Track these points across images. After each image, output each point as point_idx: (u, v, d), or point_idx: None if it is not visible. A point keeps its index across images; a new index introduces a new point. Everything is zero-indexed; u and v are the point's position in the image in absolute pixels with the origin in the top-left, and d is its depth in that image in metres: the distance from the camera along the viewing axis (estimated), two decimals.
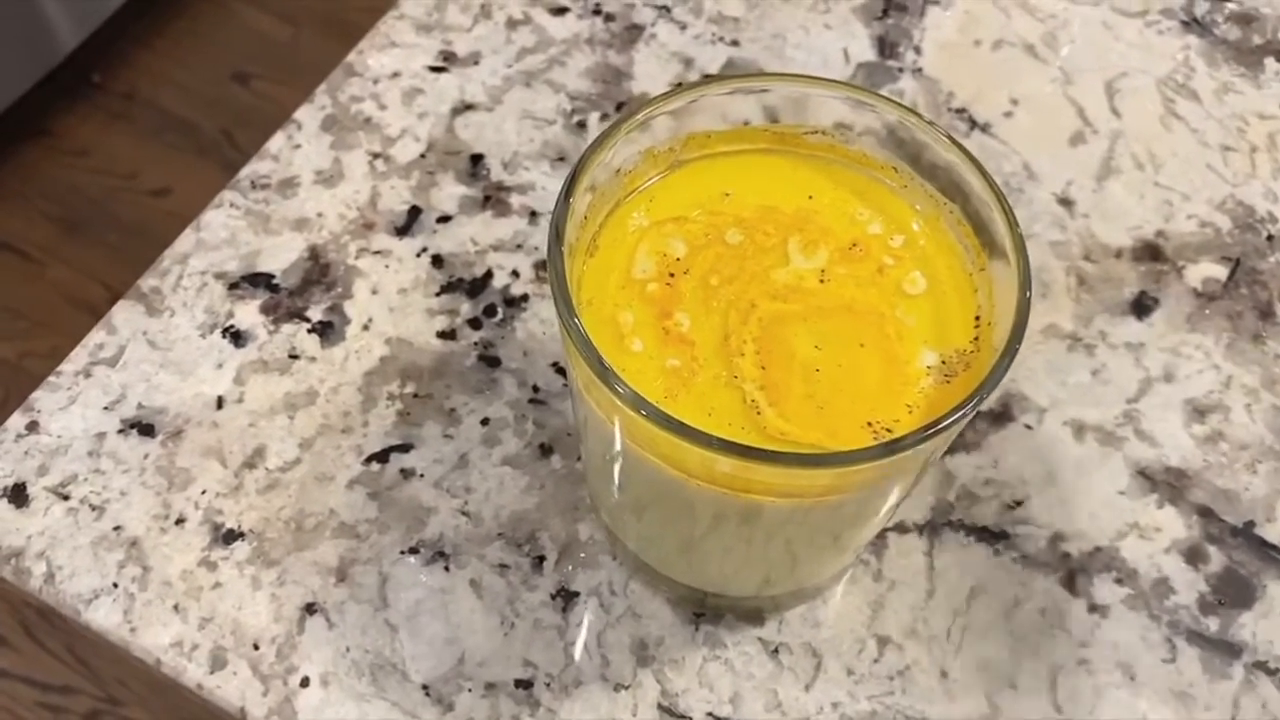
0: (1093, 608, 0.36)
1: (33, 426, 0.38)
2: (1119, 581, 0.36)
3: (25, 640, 1.08)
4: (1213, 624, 0.35)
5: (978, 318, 0.29)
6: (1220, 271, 0.42)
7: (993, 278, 0.29)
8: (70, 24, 1.31)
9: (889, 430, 0.27)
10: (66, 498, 0.36)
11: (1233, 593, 0.36)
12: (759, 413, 0.27)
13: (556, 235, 0.27)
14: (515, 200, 0.43)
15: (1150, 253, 0.42)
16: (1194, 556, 0.37)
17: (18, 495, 0.36)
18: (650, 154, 0.31)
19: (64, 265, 1.29)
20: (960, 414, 0.25)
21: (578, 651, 0.34)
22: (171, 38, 1.46)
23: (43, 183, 1.34)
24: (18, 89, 1.29)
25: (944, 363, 0.28)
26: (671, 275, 0.29)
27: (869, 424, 0.27)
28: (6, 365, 1.21)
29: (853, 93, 0.30)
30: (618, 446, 0.29)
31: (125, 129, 1.39)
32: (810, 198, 0.31)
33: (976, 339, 0.29)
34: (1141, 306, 0.41)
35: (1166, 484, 0.38)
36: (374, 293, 0.40)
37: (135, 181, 1.35)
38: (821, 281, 0.29)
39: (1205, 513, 0.37)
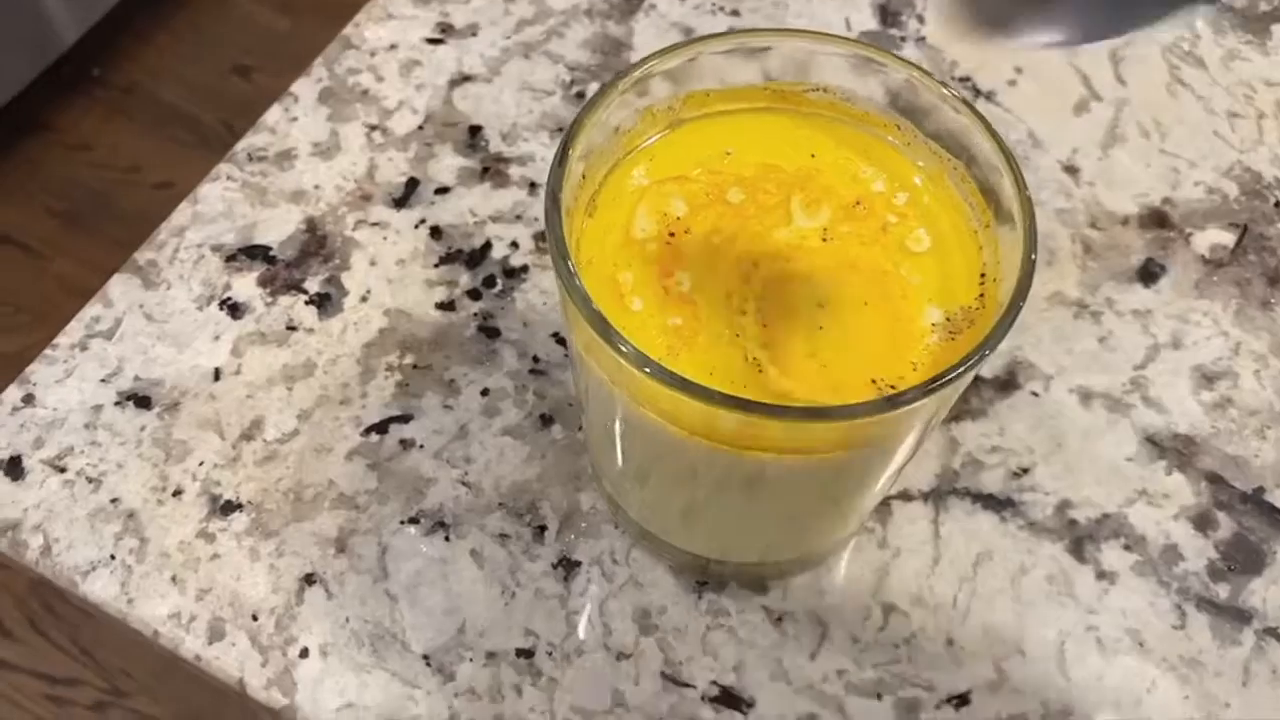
0: (1101, 574, 0.35)
1: (29, 399, 0.37)
2: (1127, 548, 0.36)
3: (30, 633, 1.08)
4: (1222, 590, 0.35)
5: (983, 275, 0.29)
6: (1228, 238, 0.42)
7: (998, 237, 0.29)
8: (70, 18, 1.31)
9: (893, 387, 0.27)
10: (63, 470, 0.36)
11: (1242, 559, 0.35)
12: (761, 371, 0.27)
13: (553, 197, 0.27)
14: (514, 171, 0.42)
15: (1157, 220, 0.42)
16: (1203, 523, 0.36)
17: (14, 468, 0.36)
18: (649, 113, 0.30)
19: (67, 258, 1.29)
20: (964, 368, 0.25)
21: (580, 621, 0.34)
22: (172, 31, 1.46)
23: (45, 177, 1.34)
24: (19, 83, 1.29)
25: (949, 320, 0.28)
26: (672, 234, 0.29)
27: (873, 381, 0.27)
28: (9, 359, 1.21)
29: (860, 49, 0.30)
30: (620, 409, 0.29)
31: (126, 122, 1.39)
32: (812, 156, 0.30)
33: (982, 295, 0.28)
34: (1148, 273, 0.41)
35: (1175, 451, 0.37)
36: (372, 264, 0.40)
37: (137, 174, 1.35)
38: (824, 240, 0.29)
39: (1214, 479, 0.37)
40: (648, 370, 0.24)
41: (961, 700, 0.33)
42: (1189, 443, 0.37)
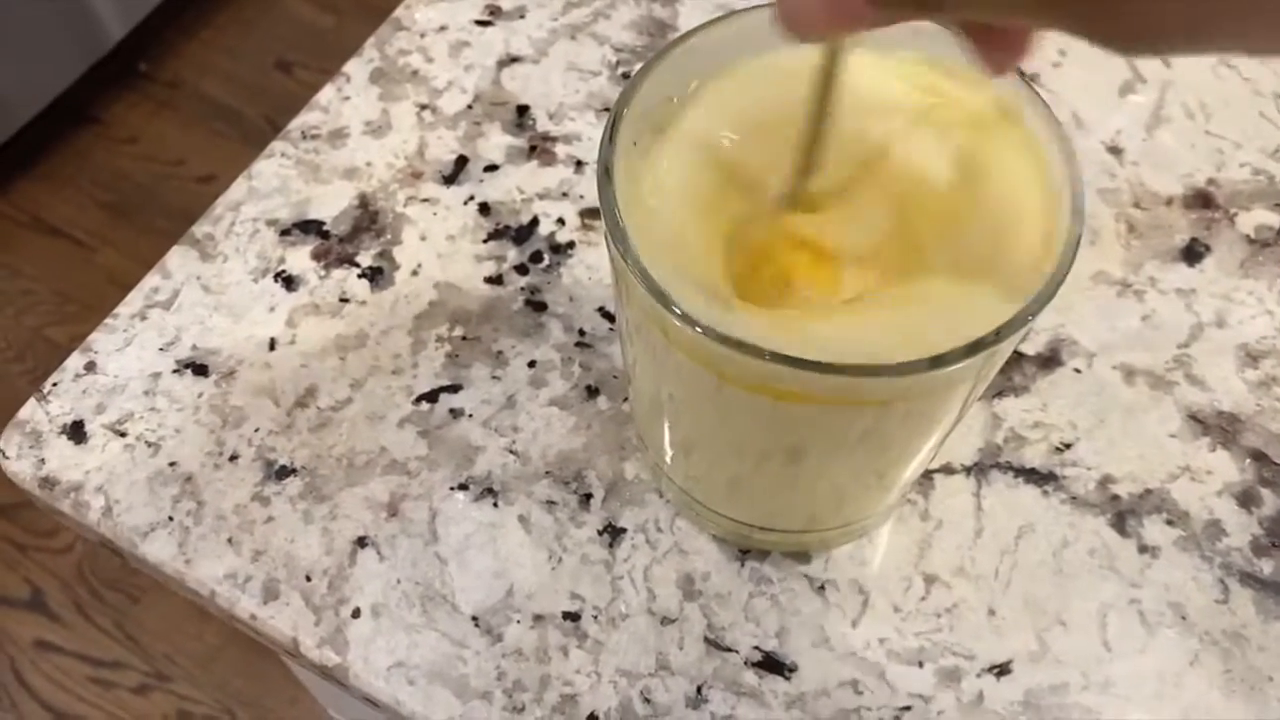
0: (1143, 548, 0.35)
1: (90, 367, 0.38)
2: (1170, 523, 0.36)
3: (77, 617, 1.10)
4: (1266, 566, 0.35)
5: None
6: (1274, 219, 0.42)
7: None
8: (118, 14, 1.34)
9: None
10: (123, 434, 0.37)
11: None
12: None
13: (608, 177, 0.27)
14: (561, 150, 0.43)
15: (1201, 200, 0.42)
16: (1247, 500, 0.36)
17: (76, 432, 0.37)
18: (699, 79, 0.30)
19: (113, 250, 1.31)
20: (1008, 332, 0.25)
21: (625, 586, 0.34)
22: (217, 27, 1.48)
23: (92, 169, 1.37)
24: (67, 78, 1.32)
25: None
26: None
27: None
28: (57, 348, 1.24)
29: None
30: (672, 376, 0.29)
31: (172, 116, 1.41)
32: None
33: None
34: (1193, 253, 0.41)
35: (1219, 428, 0.37)
36: (422, 239, 0.41)
37: (182, 168, 1.37)
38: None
39: (1259, 456, 0.37)
40: (699, 329, 0.25)
41: (1002, 670, 0.33)
42: (1233, 420, 0.37)
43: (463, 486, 0.36)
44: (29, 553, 1.13)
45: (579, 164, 0.43)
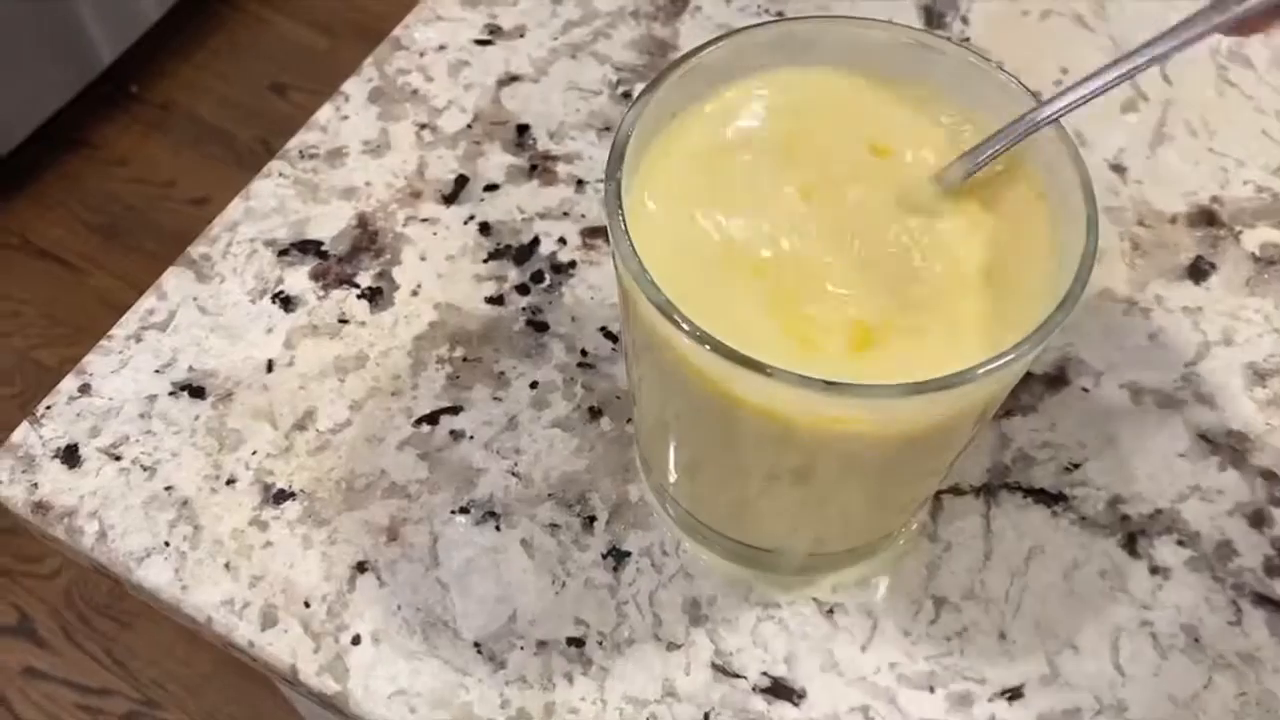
0: (1154, 569, 0.35)
1: (85, 389, 0.38)
2: (1181, 544, 0.35)
3: (64, 643, 1.09)
4: (1279, 587, 0.35)
5: None
6: (1279, 236, 0.41)
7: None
8: (109, 36, 1.33)
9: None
10: (118, 458, 0.36)
11: None
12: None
13: (615, 194, 0.27)
14: (562, 169, 0.43)
15: (1206, 218, 0.42)
16: (1258, 520, 0.36)
17: (70, 456, 0.36)
18: (704, 97, 0.30)
19: (104, 273, 1.30)
20: (1017, 354, 0.25)
21: (630, 610, 0.34)
22: (209, 49, 1.48)
23: (83, 192, 1.36)
24: (58, 100, 1.31)
25: None
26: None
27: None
28: (46, 370, 1.23)
29: (906, 34, 0.30)
30: (679, 396, 0.29)
31: (163, 139, 1.40)
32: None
33: None
34: (1198, 271, 0.41)
35: (1228, 447, 0.37)
36: (422, 259, 0.40)
37: (173, 190, 1.36)
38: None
39: (1269, 476, 0.36)
40: (708, 345, 0.25)
41: (1014, 694, 0.33)
42: (1242, 439, 0.37)
43: (464, 510, 0.35)
44: (16, 578, 1.12)
45: (580, 183, 0.42)
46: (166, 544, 0.35)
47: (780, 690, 0.33)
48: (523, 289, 0.40)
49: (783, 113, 0.30)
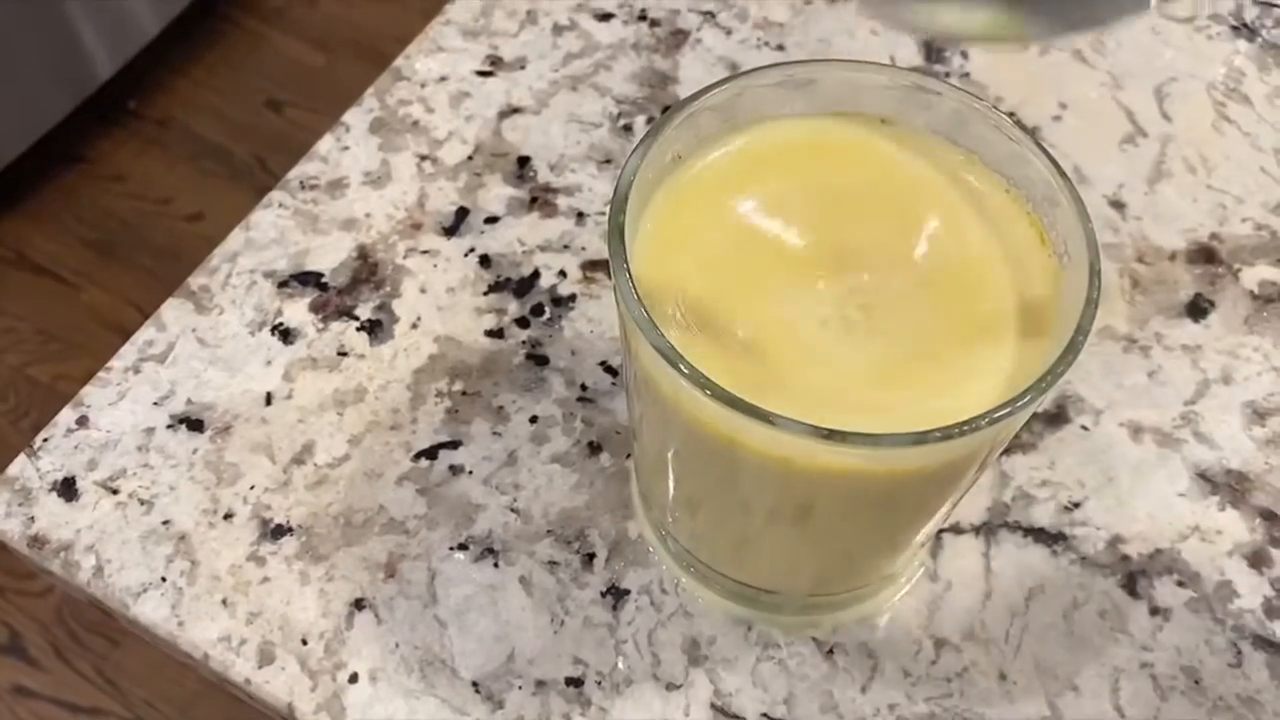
0: (1154, 610, 0.35)
1: (82, 421, 0.38)
2: (1181, 584, 0.35)
3: (55, 661, 1.08)
4: (1279, 629, 0.35)
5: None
6: (1278, 275, 0.41)
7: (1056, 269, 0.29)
8: (107, 52, 1.33)
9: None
10: (115, 492, 0.36)
11: None
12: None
13: (619, 238, 0.27)
14: (562, 201, 0.43)
15: (1205, 255, 0.42)
16: (1258, 560, 0.36)
17: (67, 489, 0.36)
18: (705, 139, 0.30)
19: (98, 288, 1.30)
20: (1023, 402, 0.25)
21: (629, 650, 0.34)
22: (206, 65, 1.48)
23: (79, 207, 1.36)
24: (55, 115, 1.31)
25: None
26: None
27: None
28: (40, 387, 1.22)
29: (907, 77, 0.30)
30: (680, 435, 0.29)
31: (160, 155, 1.40)
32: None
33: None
34: (1197, 309, 0.41)
35: (1228, 486, 0.37)
36: (422, 292, 0.40)
37: (169, 206, 1.36)
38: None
39: (1269, 516, 0.36)
40: (709, 392, 0.25)
41: None
42: (1242, 479, 0.37)
43: (463, 546, 0.35)
44: (7, 595, 1.11)
45: (580, 215, 0.42)
46: (163, 579, 0.35)
47: None
48: (523, 322, 0.40)
49: (784, 158, 0.31)
